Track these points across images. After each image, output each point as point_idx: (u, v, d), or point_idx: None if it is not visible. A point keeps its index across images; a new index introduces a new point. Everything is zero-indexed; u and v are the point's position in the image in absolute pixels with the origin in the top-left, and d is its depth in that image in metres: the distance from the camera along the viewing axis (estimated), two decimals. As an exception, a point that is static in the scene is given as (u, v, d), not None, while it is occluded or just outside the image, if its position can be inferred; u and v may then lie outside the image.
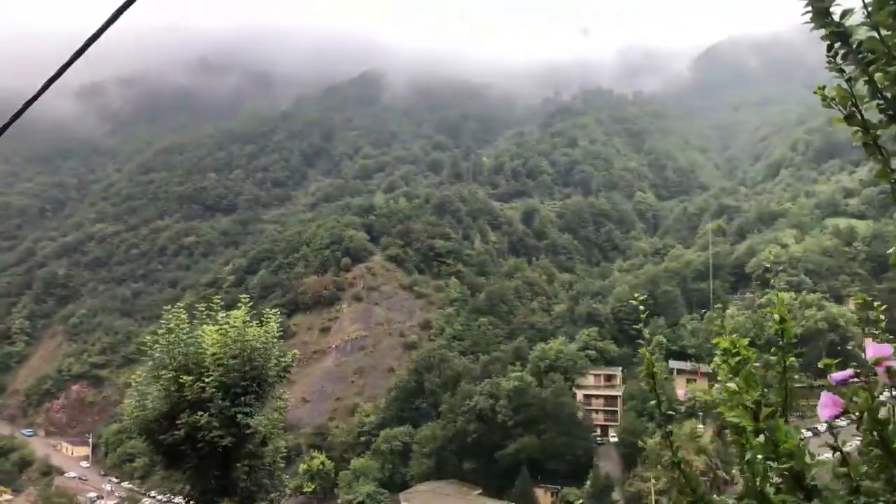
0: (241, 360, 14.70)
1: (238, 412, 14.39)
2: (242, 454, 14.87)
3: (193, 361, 15.16)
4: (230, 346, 14.76)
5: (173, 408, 14.83)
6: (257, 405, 14.92)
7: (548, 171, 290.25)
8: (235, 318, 15.21)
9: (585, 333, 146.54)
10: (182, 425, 14.47)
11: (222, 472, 14.84)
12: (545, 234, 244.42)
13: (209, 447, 14.39)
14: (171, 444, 14.74)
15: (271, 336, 15.19)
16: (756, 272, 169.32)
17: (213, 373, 14.51)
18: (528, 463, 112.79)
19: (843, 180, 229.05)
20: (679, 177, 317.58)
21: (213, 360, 14.76)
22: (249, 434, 14.61)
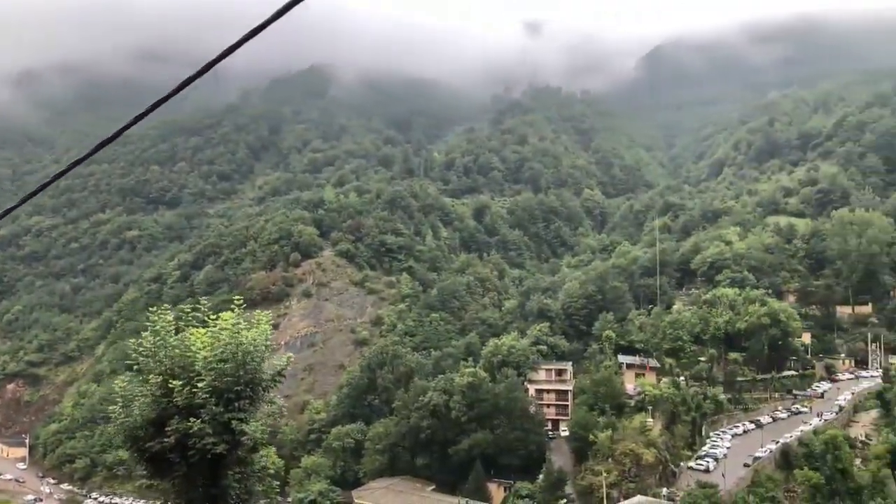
0: (234, 365, 14.15)
1: (232, 418, 13.84)
2: (233, 461, 14.33)
3: (180, 365, 14.53)
4: (223, 350, 14.19)
5: (161, 414, 14.21)
6: (252, 411, 14.39)
7: (498, 167, 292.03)
8: (226, 321, 14.63)
9: (537, 329, 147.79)
10: (171, 432, 13.87)
11: (212, 480, 14.27)
12: (496, 230, 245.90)
13: (199, 455, 13.82)
14: (157, 453, 14.12)
15: (264, 339, 14.67)
16: (701, 269, 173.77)
17: (206, 377, 13.93)
18: (482, 458, 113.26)
19: (783, 179, 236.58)
20: (626, 174, 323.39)
21: (205, 364, 14.16)
22: (241, 441, 14.09)
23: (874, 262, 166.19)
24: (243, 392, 14.19)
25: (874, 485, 70.77)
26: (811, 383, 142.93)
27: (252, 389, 14.38)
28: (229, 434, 13.97)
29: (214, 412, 13.81)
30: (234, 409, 14.06)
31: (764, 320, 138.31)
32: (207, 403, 13.83)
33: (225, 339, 14.37)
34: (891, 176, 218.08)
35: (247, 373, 14.28)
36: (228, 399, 14.08)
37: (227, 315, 14.95)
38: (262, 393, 14.70)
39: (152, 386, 14.38)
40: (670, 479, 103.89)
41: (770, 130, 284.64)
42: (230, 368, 14.18)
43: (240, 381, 14.19)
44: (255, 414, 14.58)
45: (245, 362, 14.29)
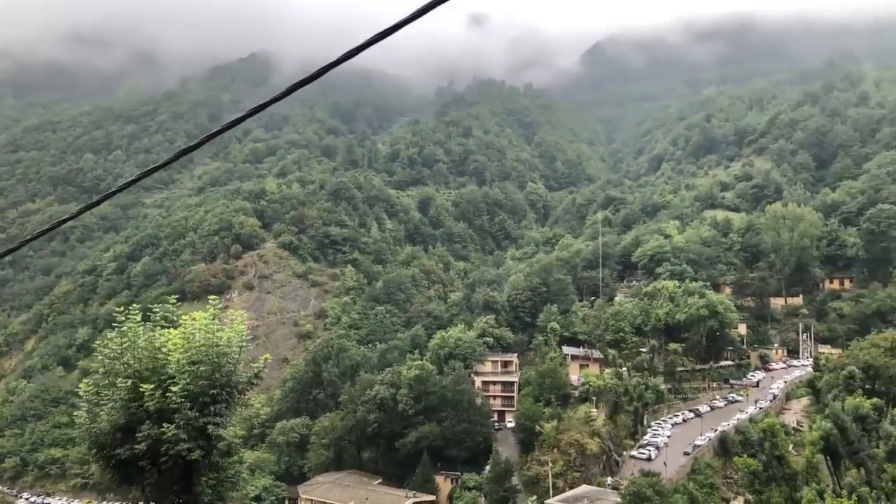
0: (210, 367, 13.52)
1: (209, 423, 13.23)
2: (206, 467, 13.73)
3: (150, 368, 13.82)
4: (197, 351, 13.54)
5: (131, 420, 13.49)
6: (228, 414, 13.79)
7: (443, 159, 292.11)
8: (201, 321, 13.97)
9: (483, 321, 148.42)
10: (143, 438, 13.17)
11: (183, 486, 13.65)
12: (441, 222, 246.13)
13: (172, 461, 13.19)
14: (126, 459, 13.41)
15: (240, 339, 14.07)
16: (642, 261, 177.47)
17: (180, 380, 13.27)
18: (429, 450, 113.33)
19: (720, 174, 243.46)
20: (568, 168, 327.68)
21: (179, 366, 13.49)
22: (216, 446, 13.51)
23: (805, 255, 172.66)
24: (219, 395, 13.58)
25: (808, 470, 73.64)
26: (747, 373, 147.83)
27: (228, 392, 13.78)
28: (205, 439, 13.37)
29: (189, 417, 13.18)
30: (210, 413, 13.45)
31: (702, 312, 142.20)
32: (182, 408, 13.18)
33: (199, 340, 13.73)
34: (820, 172, 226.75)
35: (223, 375, 13.68)
36: (204, 403, 13.45)
37: (199, 315, 14.29)
38: (237, 396, 14.13)
39: (121, 390, 13.65)
40: (614, 468, 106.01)
41: (707, 126, 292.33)
42: (205, 371, 13.55)
43: (215, 383, 13.58)
44: (231, 418, 14.00)
45: (221, 364, 13.68)
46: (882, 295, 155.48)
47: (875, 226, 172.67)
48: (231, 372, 13.85)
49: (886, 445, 64.78)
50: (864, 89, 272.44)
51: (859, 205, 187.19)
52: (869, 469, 68.36)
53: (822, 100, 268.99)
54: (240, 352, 14.05)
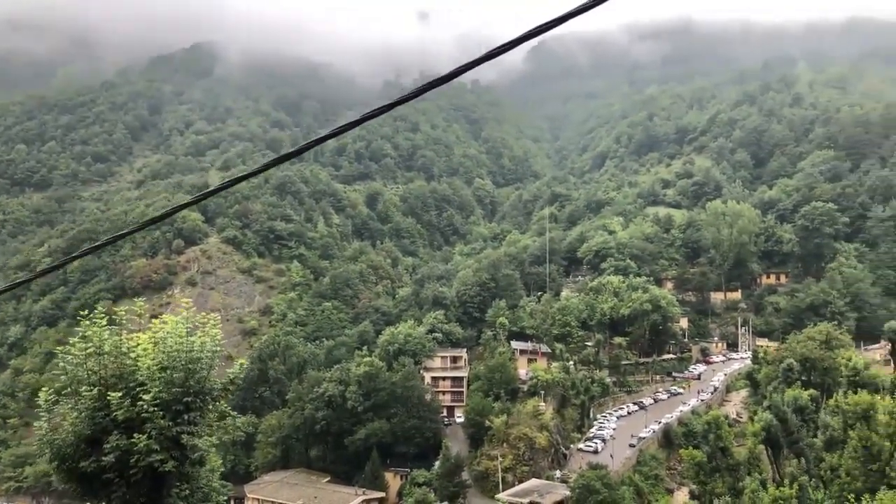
0: (183, 374, 12.91)
1: (182, 432, 12.64)
2: (177, 477, 13.14)
3: (117, 375, 13.13)
4: (170, 357, 12.92)
5: (97, 430, 12.79)
6: (201, 423, 13.21)
7: (391, 154, 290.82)
8: (172, 325, 13.34)
9: (432, 316, 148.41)
10: (111, 450, 12.50)
11: (153, 498, 13.03)
12: (389, 217, 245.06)
13: (142, 472, 12.56)
14: (92, 472, 12.71)
15: (214, 345, 13.50)
16: (587, 257, 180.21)
17: (151, 388, 12.63)
18: (378, 447, 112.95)
19: (662, 172, 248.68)
20: (514, 165, 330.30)
21: (149, 374, 12.84)
22: (189, 456, 12.94)
23: (743, 251, 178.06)
24: (193, 403, 13.01)
25: (751, 460, 75.94)
26: (688, 366, 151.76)
27: (202, 400, 13.21)
28: (178, 449, 12.79)
29: (161, 426, 12.57)
30: (184, 422, 12.87)
31: (646, 306, 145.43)
32: (154, 417, 12.55)
33: (171, 345, 13.12)
34: (757, 170, 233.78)
35: (196, 382, 13.10)
36: (177, 411, 12.86)
37: (170, 318, 13.67)
38: (211, 403, 13.56)
39: (86, 399, 12.93)
40: (562, 462, 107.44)
41: (649, 125, 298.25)
42: (178, 378, 12.95)
43: (189, 391, 12.99)
44: (204, 426, 13.43)
45: (195, 370, 13.10)
46: (815, 290, 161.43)
47: (809, 223, 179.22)
48: (205, 378, 13.29)
49: (824, 435, 67.20)
50: (798, 91, 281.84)
51: (794, 202, 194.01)
52: (808, 458, 70.90)
53: (759, 100, 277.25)
54: (213, 357, 13.50)
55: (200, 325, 13.89)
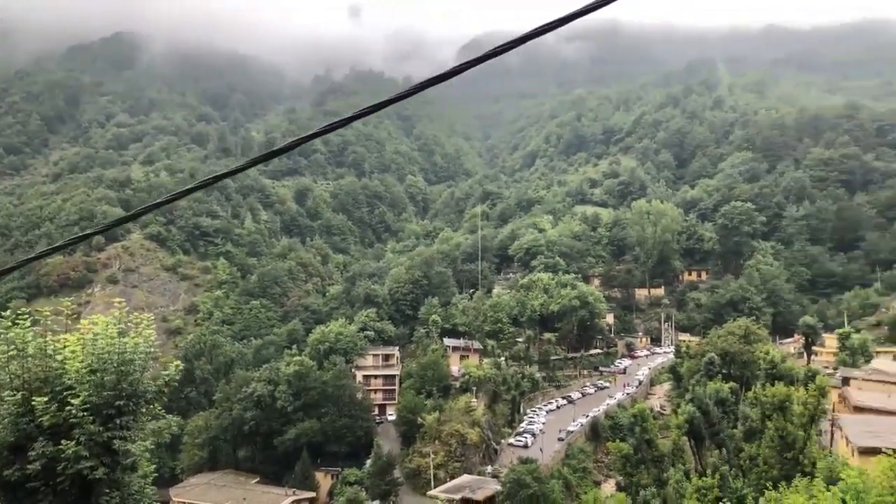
0: (115, 376, 12.34)
1: (114, 437, 12.07)
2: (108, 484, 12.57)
3: (41, 379, 12.46)
4: (100, 359, 12.32)
5: (21, 437, 12.10)
6: (134, 427, 12.66)
7: (321, 150, 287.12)
8: (103, 326, 12.73)
9: (364, 314, 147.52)
10: (36, 457, 11.85)
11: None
12: (319, 214, 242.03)
13: (70, 480, 11.97)
14: (16, 481, 12.03)
15: (148, 345, 12.95)
16: (518, 254, 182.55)
17: (80, 392, 12.02)
18: (309, 447, 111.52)
19: (589, 171, 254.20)
20: (446, 162, 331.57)
21: (78, 376, 12.22)
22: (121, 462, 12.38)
23: (667, 248, 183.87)
24: (125, 407, 12.45)
25: (675, 452, 78.41)
26: (614, 360, 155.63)
27: (135, 403, 12.66)
28: (109, 455, 12.23)
29: (91, 431, 11.98)
30: (115, 427, 12.31)
31: (574, 302, 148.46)
32: (83, 422, 11.96)
33: (102, 347, 12.53)
34: (680, 171, 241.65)
35: (129, 385, 12.55)
36: (108, 416, 12.29)
37: (101, 318, 13.07)
38: (145, 406, 13.03)
39: (8, 404, 12.23)
40: (493, 457, 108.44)
41: (577, 125, 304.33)
42: (110, 381, 12.38)
43: (121, 394, 12.43)
44: (137, 431, 12.90)
45: (127, 372, 12.55)
46: (734, 286, 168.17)
47: (728, 221, 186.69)
48: (137, 381, 12.76)
49: (744, 426, 69.92)
50: (719, 94, 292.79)
51: (715, 202, 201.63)
52: (728, 449, 73.74)
53: (682, 102, 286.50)
54: (147, 358, 12.98)
55: (133, 326, 13.34)
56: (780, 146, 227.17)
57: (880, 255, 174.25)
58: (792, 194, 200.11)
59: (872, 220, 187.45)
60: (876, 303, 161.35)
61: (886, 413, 65.03)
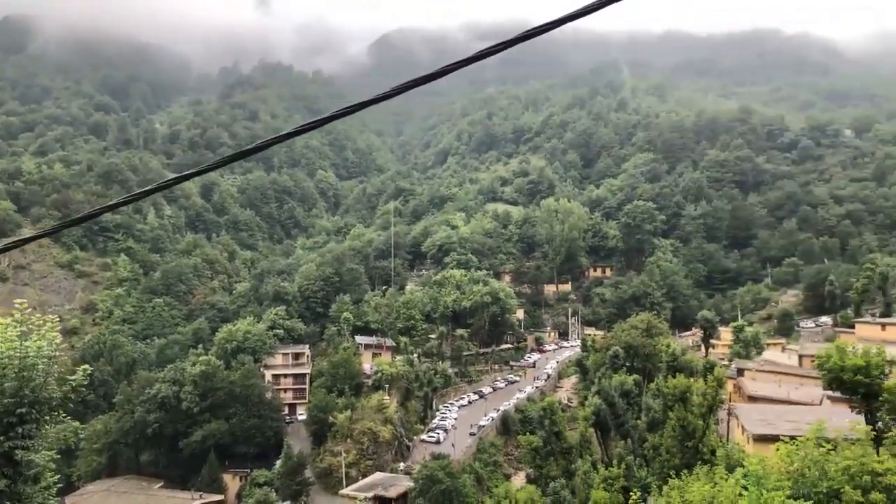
0: (17, 382, 11.56)
1: (16, 447, 11.31)
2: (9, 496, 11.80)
3: (-67, 387, 11.56)
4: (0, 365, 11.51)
5: None
6: (37, 436, 11.91)
7: (228, 143, 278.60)
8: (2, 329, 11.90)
9: (273, 312, 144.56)
10: (-73, 471, 10.99)
11: (-22, 522, 11.62)
12: (226, 209, 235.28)
13: (-35, 494, 11.17)
14: None
15: (52, 349, 12.19)
16: (431, 251, 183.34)
17: (-22, 401, 11.21)
18: (217, 448, 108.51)
19: (500, 170, 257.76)
20: (358, 158, 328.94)
21: (-24, 384, 11.38)
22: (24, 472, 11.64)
23: (574, 245, 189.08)
24: (27, 415, 11.71)
25: (582, 443, 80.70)
26: (524, 355, 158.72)
27: (38, 410, 11.94)
28: (10, 466, 11.49)
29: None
30: (17, 436, 11.57)
31: (486, 299, 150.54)
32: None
33: (1, 351, 11.74)
34: (586, 170, 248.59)
35: (31, 391, 11.81)
36: (9, 424, 11.54)
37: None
38: (49, 414, 12.30)
39: None
40: (405, 454, 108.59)
41: (488, 124, 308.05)
42: (10, 387, 11.62)
43: (23, 401, 11.69)
44: (41, 440, 12.16)
45: (29, 378, 11.81)
46: (637, 282, 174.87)
47: (631, 220, 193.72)
48: (40, 387, 12.03)
49: (647, 417, 72.66)
50: (623, 96, 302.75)
51: (618, 201, 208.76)
52: (633, 439, 76.48)
53: (588, 104, 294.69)
54: (50, 363, 12.26)
55: (35, 328, 12.57)
56: (680, 148, 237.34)
57: (770, 252, 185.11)
58: (690, 194, 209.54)
59: (763, 219, 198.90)
60: (767, 297, 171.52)
61: (777, 402, 69.08)
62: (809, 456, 24.22)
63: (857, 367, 34.24)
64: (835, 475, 23.00)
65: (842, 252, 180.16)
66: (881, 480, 22.71)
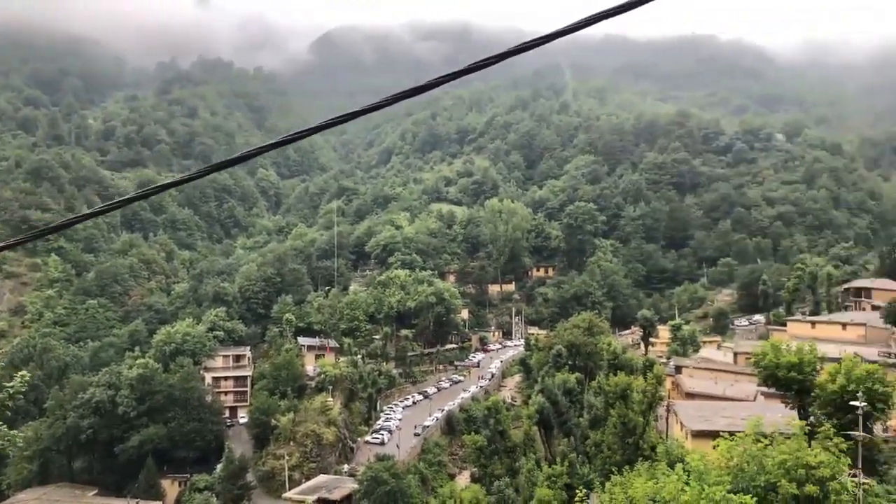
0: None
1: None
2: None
3: None
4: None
5: None
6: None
7: (166, 140, 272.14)
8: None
9: (213, 314, 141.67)
10: None
11: None
12: (163, 208, 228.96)
13: None
14: None
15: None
16: (375, 251, 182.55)
17: None
18: (155, 454, 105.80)
19: (444, 170, 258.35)
20: (300, 156, 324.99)
21: None
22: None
23: (517, 246, 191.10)
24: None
25: (526, 442, 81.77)
26: (469, 354, 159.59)
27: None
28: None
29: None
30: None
31: (430, 299, 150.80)
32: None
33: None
34: (529, 171, 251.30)
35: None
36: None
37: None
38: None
39: None
40: (349, 456, 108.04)
41: (433, 124, 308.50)
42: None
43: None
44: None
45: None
46: (578, 281, 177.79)
47: (573, 221, 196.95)
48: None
49: (589, 414, 74.05)
50: (565, 98, 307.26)
51: (561, 202, 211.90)
52: (576, 437, 77.79)
53: (531, 106, 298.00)
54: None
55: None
56: (620, 150, 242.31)
57: (706, 252, 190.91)
58: (630, 196, 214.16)
59: (699, 220, 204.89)
60: (703, 296, 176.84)
61: (714, 398, 71.26)
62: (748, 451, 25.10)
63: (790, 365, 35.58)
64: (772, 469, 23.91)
65: (774, 252, 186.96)
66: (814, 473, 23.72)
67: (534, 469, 70.82)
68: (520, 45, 5.65)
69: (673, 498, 22.21)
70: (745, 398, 69.59)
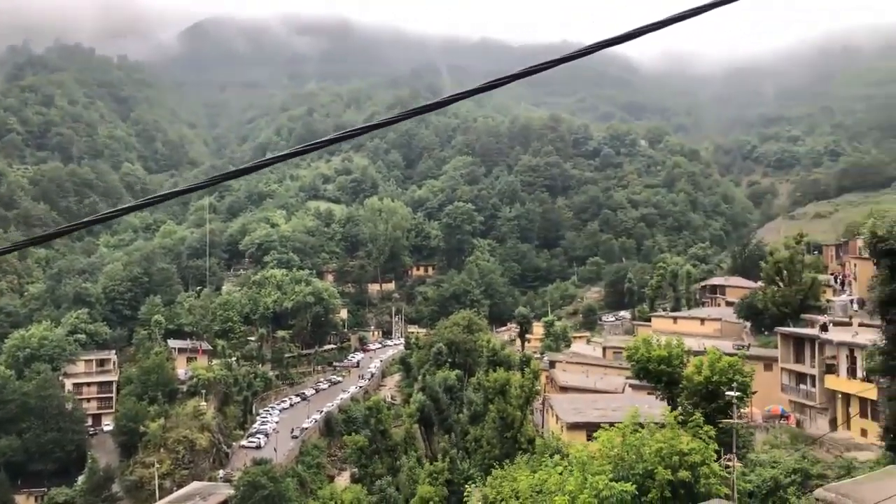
0: None
1: None
2: None
3: None
4: None
5: None
6: None
7: (17, 129, 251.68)
8: None
9: (73, 316, 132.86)
10: None
11: None
12: (15, 202, 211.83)
13: None
14: None
15: None
16: (250, 250, 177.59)
17: None
18: (7, 467, 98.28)
19: (322, 167, 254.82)
20: (169, 150, 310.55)
21: None
22: None
23: (397, 245, 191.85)
24: None
25: (407, 440, 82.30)
26: (348, 354, 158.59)
27: None
28: None
29: None
30: None
31: (308, 299, 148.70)
32: None
33: None
34: (409, 171, 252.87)
35: None
36: None
37: None
38: None
39: None
40: (224, 461, 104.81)
41: (310, 120, 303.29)
42: None
43: None
44: None
45: None
46: (457, 280, 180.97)
47: (452, 220, 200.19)
48: None
49: (469, 410, 75.63)
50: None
51: (440, 202, 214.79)
52: (456, 433, 79.14)
53: (409, 105, 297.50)
54: None
55: None
56: (496, 152, 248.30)
57: (576, 251, 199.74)
58: (506, 197, 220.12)
59: (570, 221, 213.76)
60: (573, 294, 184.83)
61: (586, 391, 74.57)
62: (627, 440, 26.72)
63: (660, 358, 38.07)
64: (649, 457, 25.59)
65: (637, 252, 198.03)
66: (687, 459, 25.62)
67: (415, 467, 71.50)
68: (575, 51, 5.74)
69: (558, 488, 23.30)
70: (615, 390, 73.29)
